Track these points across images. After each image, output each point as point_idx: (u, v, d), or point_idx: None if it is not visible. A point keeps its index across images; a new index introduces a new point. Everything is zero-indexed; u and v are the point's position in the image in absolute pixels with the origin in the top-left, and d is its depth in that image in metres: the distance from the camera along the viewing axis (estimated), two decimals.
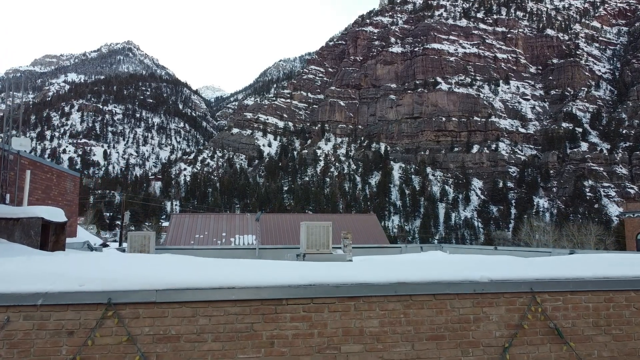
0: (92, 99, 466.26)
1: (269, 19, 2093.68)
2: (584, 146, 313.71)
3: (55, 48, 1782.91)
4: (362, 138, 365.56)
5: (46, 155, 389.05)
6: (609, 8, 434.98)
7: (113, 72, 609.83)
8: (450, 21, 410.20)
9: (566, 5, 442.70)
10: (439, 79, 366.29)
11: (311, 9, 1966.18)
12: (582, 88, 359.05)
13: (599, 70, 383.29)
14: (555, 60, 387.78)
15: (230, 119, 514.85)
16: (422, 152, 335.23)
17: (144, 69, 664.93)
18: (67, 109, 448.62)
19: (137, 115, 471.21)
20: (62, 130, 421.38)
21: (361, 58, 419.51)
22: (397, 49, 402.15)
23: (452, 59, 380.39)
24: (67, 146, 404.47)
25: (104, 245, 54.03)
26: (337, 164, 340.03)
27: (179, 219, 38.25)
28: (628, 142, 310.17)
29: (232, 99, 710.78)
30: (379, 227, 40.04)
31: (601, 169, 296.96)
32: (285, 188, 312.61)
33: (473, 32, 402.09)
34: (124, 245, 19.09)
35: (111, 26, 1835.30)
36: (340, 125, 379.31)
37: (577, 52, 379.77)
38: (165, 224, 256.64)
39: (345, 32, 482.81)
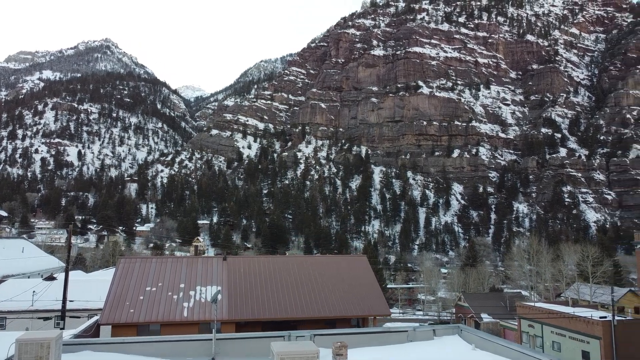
0: (67, 98, 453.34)
1: (250, 19, 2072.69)
2: (563, 152, 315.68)
3: (30, 44, 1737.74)
4: (343, 141, 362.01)
5: (17, 155, 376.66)
6: (587, 15, 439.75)
7: (90, 70, 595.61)
8: (432, 25, 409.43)
9: (546, 12, 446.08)
10: (420, 83, 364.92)
11: (293, 9, 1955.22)
12: (561, 94, 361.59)
13: (578, 76, 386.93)
14: (535, 66, 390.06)
15: (210, 120, 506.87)
16: (403, 156, 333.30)
17: (122, 67, 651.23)
18: (40, 107, 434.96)
19: (114, 114, 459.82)
20: (34, 130, 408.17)
21: (343, 60, 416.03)
22: (379, 51, 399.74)
23: (433, 62, 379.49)
24: (39, 146, 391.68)
25: (51, 278, 49.20)
26: (317, 167, 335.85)
27: (127, 265, 32.04)
28: (605, 148, 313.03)
29: (212, 99, 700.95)
30: (371, 273, 35.18)
31: (579, 174, 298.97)
32: (265, 191, 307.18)
33: (455, 36, 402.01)
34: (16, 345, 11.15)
35: (89, 23, 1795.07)
36: (321, 127, 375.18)
37: (557, 58, 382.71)
38: (140, 228, 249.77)
39: (327, 33, 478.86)
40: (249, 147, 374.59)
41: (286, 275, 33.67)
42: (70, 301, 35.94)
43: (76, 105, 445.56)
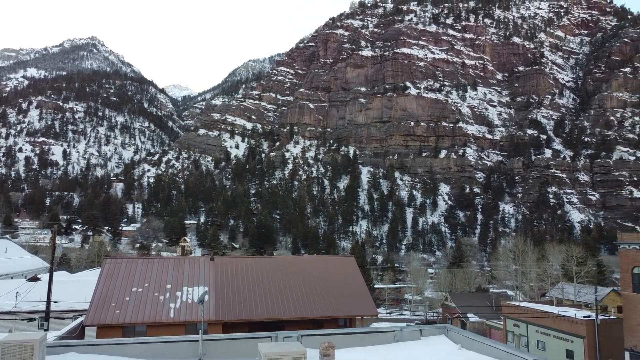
0: (52, 96, 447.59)
1: (239, 18, 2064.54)
2: (548, 153, 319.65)
3: (15, 41, 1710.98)
4: (331, 141, 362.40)
5: (1, 154, 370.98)
6: (572, 18, 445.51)
7: (76, 68, 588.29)
8: (420, 26, 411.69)
9: (532, 14, 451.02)
10: (408, 84, 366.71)
11: (282, 9, 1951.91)
12: (547, 96, 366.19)
13: (563, 78, 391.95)
14: (521, 68, 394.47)
15: (197, 119, 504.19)
16: (391, 157, 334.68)
17: (108, 66, 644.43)
18: (24, 105, 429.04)
19: (100, 113, 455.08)
20: (18, 128, 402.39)
21: (331, 60, 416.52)
22: (367, 52, 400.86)
23: (421, 64, 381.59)
24: (23, 144, 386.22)
25: (35, 279, 48.59)
26: (305, 167, 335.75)
27: (113, 266, 31.77)
28: (590, 149, 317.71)
29: (199, 98, 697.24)
30: (358, 273, 35.41)
31: (564, 175, 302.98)
32: (253, 191, 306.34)
33: (442, 37, 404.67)
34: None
35: (75, 21, 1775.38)
36: (309, 128, 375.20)
37: (542, 61, 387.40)
38: (126, 228, 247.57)
39: (316, 34, 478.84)
40: (237, 147, 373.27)
41: (273, 276, 33.64)
42: (55, 302, 35.52)
43: (61, 104, 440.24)
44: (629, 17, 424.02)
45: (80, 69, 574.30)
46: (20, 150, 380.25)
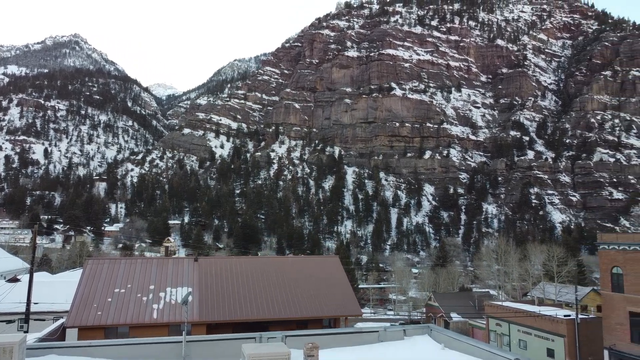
0: (34, 94, 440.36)
1: (224, 17, 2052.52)
2: (531, 154, 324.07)
3: None
4: (317, 141, 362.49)
5: None
6: (554, 22, 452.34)
7: (58, 65, 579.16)
8: (406, 27, 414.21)
9: (515, 17, 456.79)
10: (393, 85, 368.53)
11: (267, 9, 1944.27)
12: (529, 98, 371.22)
13: (545, 81, 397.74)
14: (504, 70, 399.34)
15: (182, 119, 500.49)
16: (376, 157, 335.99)
17: (91, 64, 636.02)
18: (5, 103, 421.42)
19: (83, 112, 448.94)
20: None
21: (317, 61, 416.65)
22: (353, 53, 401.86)
23: (406, 65, 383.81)
24: (3, 143, 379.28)
25: (14, 280, 47.77)
26: (290, 167, 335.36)
27: (95, 266, 31.33)
28: (571, 151, 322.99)
29: (184, 97, 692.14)
30: (343, 273, 35.54)
31: (546, 177, 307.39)
32: (237, 191, 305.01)
33: (427, 39, 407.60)
34: None
35: (57, 17, 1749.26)
36: (295, 128, 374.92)
37: (525, 63, 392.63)
38: (109, 228, 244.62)
39: (302, 34, 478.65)
40: (222, 146, 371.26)
41: (258, 276, 33.57)
42: (35, 303, 34.98)
43: (43, 102, 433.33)
44: (610, 21, 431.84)
45: (62, 67, 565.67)
46: (0, 148, 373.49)
